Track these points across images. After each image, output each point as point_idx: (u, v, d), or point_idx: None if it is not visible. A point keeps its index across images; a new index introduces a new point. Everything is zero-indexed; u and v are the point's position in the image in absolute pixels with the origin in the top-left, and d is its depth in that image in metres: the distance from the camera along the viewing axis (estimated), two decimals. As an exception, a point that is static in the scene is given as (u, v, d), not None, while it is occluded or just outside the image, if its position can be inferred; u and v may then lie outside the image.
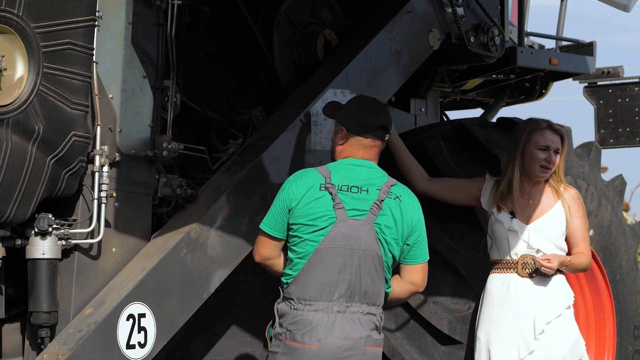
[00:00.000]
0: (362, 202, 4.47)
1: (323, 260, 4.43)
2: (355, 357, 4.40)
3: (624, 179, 6.86)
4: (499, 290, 5.30)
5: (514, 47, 6.82)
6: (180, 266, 4.69)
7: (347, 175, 4.51)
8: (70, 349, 4.31)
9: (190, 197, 4.91)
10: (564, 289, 5.33)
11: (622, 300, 6.57)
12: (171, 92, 4.92)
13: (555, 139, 5.29)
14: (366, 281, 4.45)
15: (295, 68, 5.86)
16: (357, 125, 4.60)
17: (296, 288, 4.44)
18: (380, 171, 4.60)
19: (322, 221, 4.44)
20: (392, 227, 4.49)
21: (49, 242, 4.40)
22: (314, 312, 4.40)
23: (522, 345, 5.23)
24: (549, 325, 5.25)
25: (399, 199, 4.53)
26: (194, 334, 5.68)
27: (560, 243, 5.32)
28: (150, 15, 4.83)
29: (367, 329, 4.44)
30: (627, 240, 6.71)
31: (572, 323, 5.35)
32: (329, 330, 4.38)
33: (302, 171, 4.60)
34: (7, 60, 4.16)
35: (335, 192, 4.46)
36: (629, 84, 8.45)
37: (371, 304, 4.47)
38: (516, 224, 5.28)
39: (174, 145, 4.82)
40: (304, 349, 4.38)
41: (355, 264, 4.43)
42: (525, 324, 5.24)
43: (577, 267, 5.38)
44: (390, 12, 5.84)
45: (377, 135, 4.60)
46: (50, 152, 4.33)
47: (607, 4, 7.26)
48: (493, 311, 5.30)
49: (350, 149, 4.60)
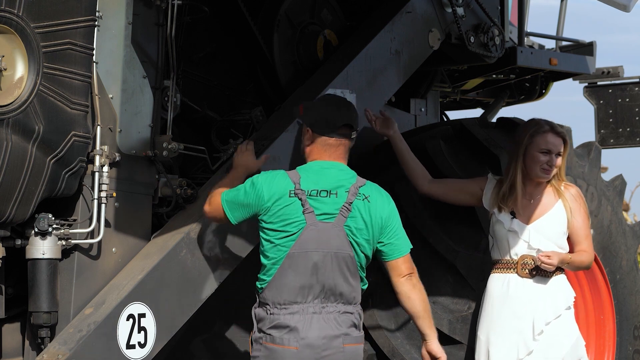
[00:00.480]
0: (331, 206, 4.49)
1: (295, 264, 4.46)
2: (334, 356, 4.44)
3: (624, 179, 6.86)
4: (499, 291, 5.30)
5: (514, 47, 6.82)
6: (180, 266, 4.69)
7: (316, 179, 4.52)
8: (70, 349, 4.31)
9: (190, 197, 4.92)
10: (565, 289, 5.32)
11: (622, 300, 6.57)
12: (171, 92, 4.92)
13: (557, 142, 5.29)
14: (340, 282, 4.48)
15: (295, 68, 5.86)
16: (321, 125, 4.60)
17: (270, 293, 4.48)
18: (349, 172, 4.60)
19: (292, 227, 4.47)
20: (362, 228, 4.51)
21: (49, 242, 4.40)
22: (291, 315, 4.45)
23: (522, 345, 5.23)
24: (548, 326, 5.24)
25: (367, 199, 4.53)
26: (194, 334, 5.68)
27: (561, 242, 5.32)
28: (150, 15, 4.83)
29: (344, 327, 4.47)
30: (627, 240, 6.71)
31: (572, 324, 5.34)
32: (307, 331, 4.42)
33: (273, 174, 4.57)
34: (7, 60, 4.16)
35: (305, 198, 4.47)
36: (629, 84, 8.45)
37: (347, 303, 4.50)
38: (516, 224, 5.28)
39: (174, 145, 4.82)
40: (284, 350, 4.43)
41: (328, 267, 4.46)
42: (525, 324, 5.23)
43: (579, 265, 5.38)
44: (390, 12, 5.84)
45: (342, 134, 4.60)
46: (50, 152, 4.33)
47: (607, 4, 7.26)
48: (493, 311, 5.30)
49: (317, 150, 4.60)
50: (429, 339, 4.70)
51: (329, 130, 4.58)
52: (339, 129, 4.59)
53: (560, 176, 5.35)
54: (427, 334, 4.70)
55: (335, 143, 4.59)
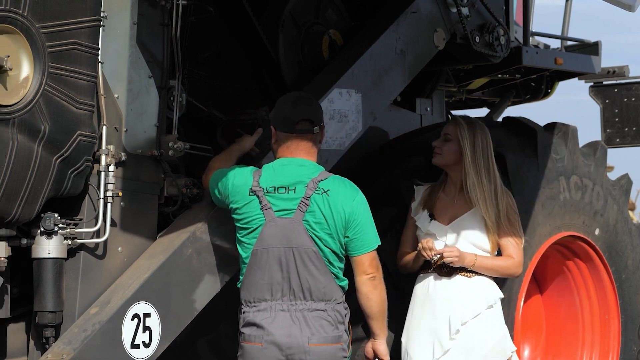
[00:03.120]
0: (289, 202, 4.54)
1: (259, 261, 4.53)
2: (298, 355, 4.46)
3: (630, 178, 6.86)
4: (420, 291, 5.29)
5: (519, 47, 6.82)
6: (185, 266, 4.70)
7: (275, 176, 4.58)
8: (74, 348, 4.31)
9: (196, 196, 4.92)
10: (486, 288, 5.24)
11: (628, 299, 6.57)
12: (177, 91, 4.93)
13: (449, 129, 5.34)
14: (307, 278, 4.51)
15: (300, 68, 5.86)
16: (280, 122, 4.68)
17: (243, 292, 4.59)
18: (310, 167, 4.62)
19: (253, 224, 4.55)
20: (322, 222, 4.53)
21: (55, 241, 4.40)
22: (259, 312, 4.52)
23: (437, 345, 5.17)
24: (465, 326, 5.17)
25: (326, 193, 4.55)
26: (199, 334, 5.69)
27: (481, 243, 5.24)
28: (156, 15, 4.83)
29: (313, 326, 4.49)
30: (632, 239, 6.71)
31: (494, 323, 5.24)
32: (272, 328, 4.48)
33: (240, 171, 4.66)
34: (12, 61, 4.16)
35: (262, 195, 4.53)
36: (634, 84, 8.44)
37: (319, 300, 4.52)
38: (435, 225, 5.26)
39: (179, 145, 4.83)
40: (251, 347, 4.51)
41: (292, 262, 4.51)
42: (441, 324, 5.18)
43: (496, 269, 5.26)
44: (396, 12, 5.84)
45: (301, 130, 4.64)
46: (56, 152, 4.34)
47: (612, 4, 7.25)
48: (414, 312, 5.29)
49: (281, 148, 4.68)
50: (378, 339, 4.80)
51: (287, 127, 4.65)
52: (296, 125, 4.63)
53: (493, 178, 5.26)
54: (378, 335, 4.79)
55: (296, 139, 4.65)
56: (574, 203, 6.23)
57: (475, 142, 5.28)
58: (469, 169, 5.25)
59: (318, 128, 4.68)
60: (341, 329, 4.57)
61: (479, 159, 5.26)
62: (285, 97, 4.80)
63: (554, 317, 6.55)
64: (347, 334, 4.62)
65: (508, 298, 5.74)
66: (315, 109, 4.71)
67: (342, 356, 4.55)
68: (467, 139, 5.28)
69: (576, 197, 6.25)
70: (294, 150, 4.65)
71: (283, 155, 4.66)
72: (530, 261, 5.93)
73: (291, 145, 4.65)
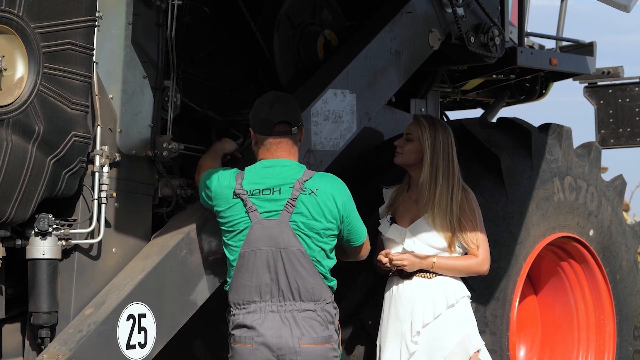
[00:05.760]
0: (275, 203, 4.54)
1: (247, 263, 4.53)
2: (288, 356, 4.47)
3: (624, 179, 6.86)
4: (387, 294, 5.29)
5: (514, 48, 6.82)
6: (180, 266, 4.69)
7: (258, 179, 4.57)
8: (70, 349, 4.31)
9: (191, 197, 4.92)
10: (448, 288, 5.19)
11: (622, 300, 6.57)
12: (171, 92, 4.92)
13: (411, 127, 5.31)
14: (295, 279, 4.51)
15: (296, 68, 5.86)
16: (258, 125, 4.67)
17: (231, 294, 4.59)
18: (294, 167, 4.62)
19: (239, 226, 4.55)
20: (310, 221, 4.52)
21: (49, 242, 4.40)
22: (249, 314, 4.52)
23: (404, 348, 5.15)
24: (426, 328, 5.14)
25: (314, 193, 4.55)
26: (194, 334, 5.68)
27: (436, 243, 5.19)
28: (151, 15, 4.83)
29: (303, 327, 4.50)
30: (627, 240, 6.71)
31: (457, 322, 5.18)
32: (262, 329, 4.48)
33: (224, 174, 4.65)
34: (7, 61, 4.16)
35: (247, 197, 4.53)
36: (629, 84, 8.45)
37: (308, 301, 4.52)
38: (394, 228, 5.25)
39: (174, 146, 4.82)
40: (241, 348, 4.52)
41: (280, 263, 4.51)
42: (405, 326, 5.17)
43: (459, 267, 5.21)
44: (391, 12, 5.84)
45: (279, 132, 4.63)
46: (51, 152, 4.33)
47: (607, 4, 7.26)
48: (384, 315, 5.29)
49: (262, 150, 4.67)
50: None
51: (264, 130, 4.64)
52: (274, 127, 4.62)
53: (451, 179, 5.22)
54: None
55: (275, 141, 4.65)
56: (568, 204, 6.24)
57: (436, 141, 5.22)
58: (425, 168, 5.21)
59: (297, 128, 4.67)
60: (331, 329, 4.57)
61: (439, 159, 5.20)
62: (262, 99, 4.77)
63: (550, 318, 6.56)
64: (337, 334, 4.62)
65: (503, 298, 5.75)
66: (292, 110, 4.70)
67: (333, 356, 4.56)
68: (428, 138, 5.23)
69: (570, 198, 6.26)
70: (274, 152, 4.64)
71: (264, 157, 4.65)
72: (524, 262, 5.93)
73: (271, 147, 4.65)
